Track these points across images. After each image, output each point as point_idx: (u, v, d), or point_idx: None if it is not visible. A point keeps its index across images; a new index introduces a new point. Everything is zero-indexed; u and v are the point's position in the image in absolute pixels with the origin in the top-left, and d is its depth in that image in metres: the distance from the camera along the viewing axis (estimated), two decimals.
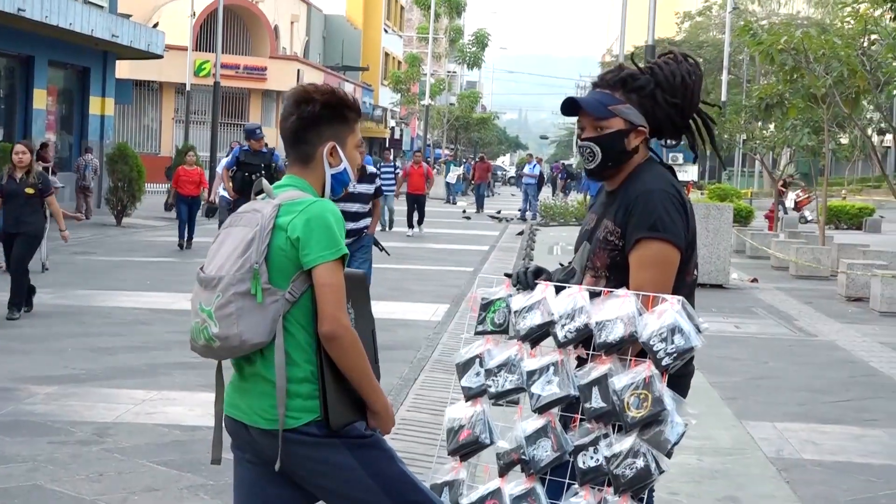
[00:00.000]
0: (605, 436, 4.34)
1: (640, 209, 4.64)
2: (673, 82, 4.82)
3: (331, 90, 4.79)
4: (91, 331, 14.52)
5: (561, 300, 4.52)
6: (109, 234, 29.15)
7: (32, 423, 9.64)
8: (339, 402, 4.42)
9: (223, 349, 4.40)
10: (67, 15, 30.96)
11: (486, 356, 4.73)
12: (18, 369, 11.77)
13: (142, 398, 10.77)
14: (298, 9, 73.24)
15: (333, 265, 4.38)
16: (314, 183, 4.64)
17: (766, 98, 31.31)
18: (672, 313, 4.27)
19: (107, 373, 11.92)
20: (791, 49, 23.95)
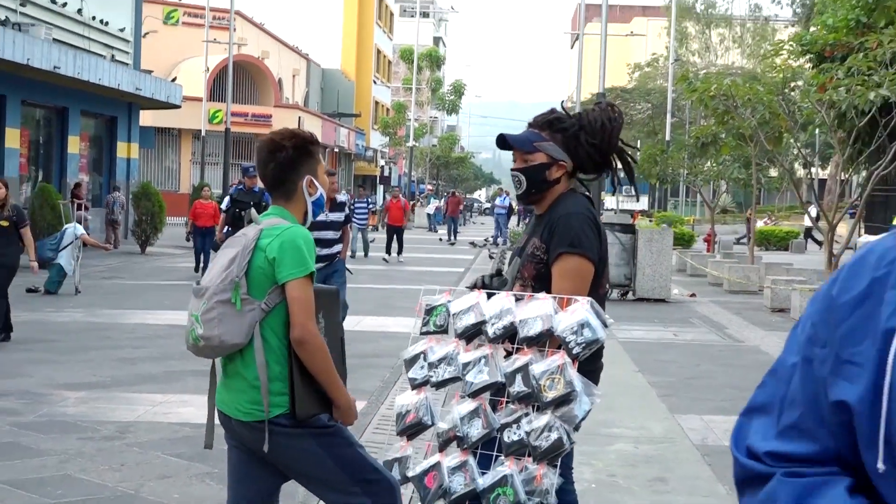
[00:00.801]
0: (526, 414, 4.41)
1: (561, 229, 4.79)
2: (595, 126, 4.97)
3: (293, 134, 4.90)
4: (116, 344, 14.52)
5: (491, 304, 4.62)
6: (135, 261, 29.16)
7: (64, 422, 9.67)
8: (305, 397, 4.50)
9: (207, 348, 4.50)
10: (97, 71, 30.94)
11: (429, 352, 4.81)
12: (53, 377, 11.81)
13: (159, 401, 10.84)
14: (299, 64, 73.21)
15: (303, 281, 4.48)
16: (296, 212, 4.75)
17: (702, 137, 31.54)
18: (582, 311, 4.36)
19: (129, 379, 11.97)
20: (721, 95, 24.13)
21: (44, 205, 27.05)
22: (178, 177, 57.65)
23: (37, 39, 27.57)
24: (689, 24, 66.42)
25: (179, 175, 57.83)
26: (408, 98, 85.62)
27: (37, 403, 10.45)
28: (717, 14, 66.77)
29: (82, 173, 34.72)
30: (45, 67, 27.41)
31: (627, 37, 75.07)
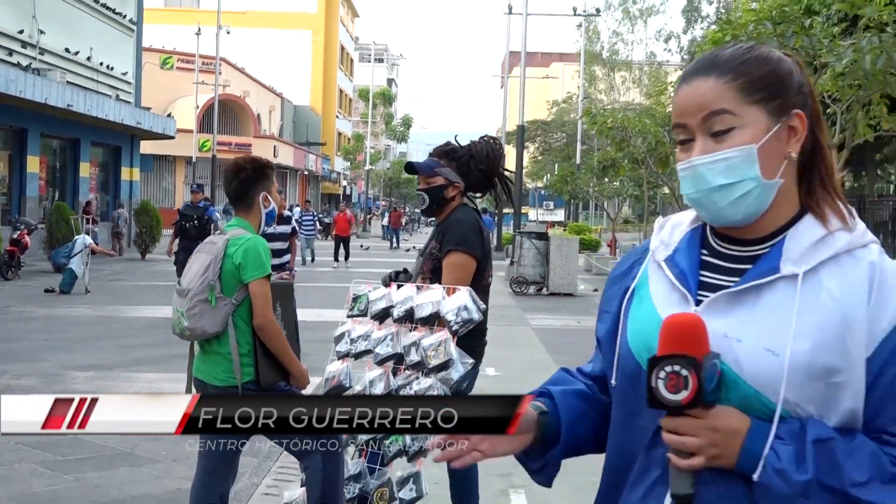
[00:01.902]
0: (417, 378, 4.59)
1: (451, 231, 5.09)
2: (482, 155, 5.26)
3: (253, 159, 5.21)
4: (119, 333, 14.58)
5: (399, 293, 4.83)
6: (136, 266, 29.07)
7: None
8: (267, 369, 4.80)
9: (192, 336, 4.84)
10: (104, 108, 30.92)
11: (352, 331, 4.97)
12: (65, 360, 11.90)
13: (153, 379, 10.96)
14: (274, 101, 72.95)
15: (262, 280, 4.80)
16: (253, 221, 5.04)
17: (603, 161, 31.92)
18: (463, 297, 4.57)
19: (128, 362, 12.07)
20: (617, 127, 24.51)
21: (59, 220, 26.99)
22: (173, 196, 57.32)
23: (53, 82, 27.51)
24: (597, 68, 66.52)
25: (174, 194, 57.50)
26: (365, 129, 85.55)
27: (52, 382, 10.55)
28: (619, 59, 66.94)
29: (92, 193, 34.60)
30: (60, 105, 27.38)
31: (545, 78, 75.43)
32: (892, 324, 1.75)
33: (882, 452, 1.72)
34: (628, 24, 66.51)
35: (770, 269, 1.82)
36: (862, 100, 13.10)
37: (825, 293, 1.77)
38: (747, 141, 1.83)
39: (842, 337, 1.74)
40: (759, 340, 1.76)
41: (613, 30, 67.71)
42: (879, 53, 11.89)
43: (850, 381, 1.74)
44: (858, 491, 1.68)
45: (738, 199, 1.84)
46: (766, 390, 1.74)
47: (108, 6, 34.71)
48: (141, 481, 6.86)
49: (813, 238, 1.83)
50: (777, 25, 12.94)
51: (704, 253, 1.95)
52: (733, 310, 1.82)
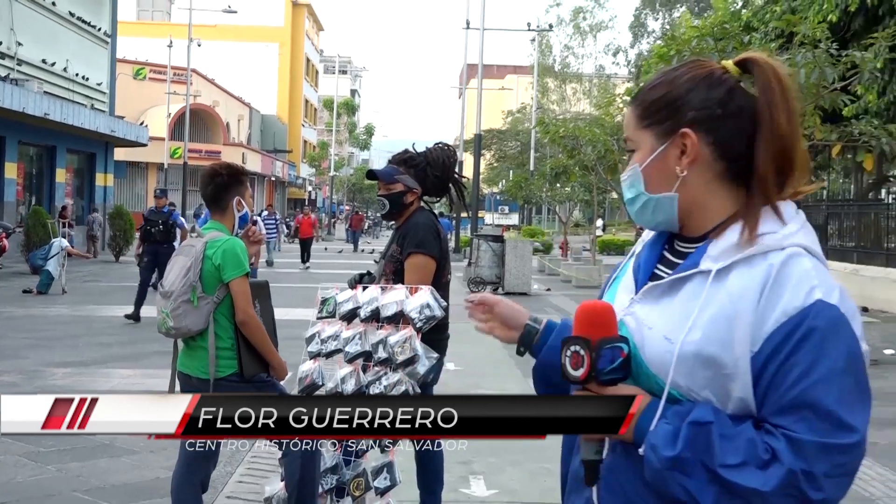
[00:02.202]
0: (385, 374, 4.58)
1: (411, 235, 5.14)
2: (438, 162, 5.33)
3: (228, 165, 5.24)
4: (95, 332, 14.47)
5: (364, 294, 4.81)
6: (110, 267, 28.86)
7: (54, 391, 9.65)
8: (249, 361, 4.84)
9: (177, 334, 4.85)
10: (80, 117, 30.64)
11: (322, 332, 4.96)
12: (45, 357, 11.83)
13: (129, 374, 10.90)
14: (243, 110, 72.65)
15: (241, 279, 4.83)
16: (227, 224, 5.07)
17: (555, 168, 32.05)
18: (424, 295, 4.58)
19: (105, 359, 11.99)
20: (569, 136, 24.67)
21: (36, 223, 26.73)
22: (146, 201, 56.77)
23: (30, 92, 27.24)
24: (550, 80, 66.81)
25: (146, 199, 57.08)
26: (329, 137, 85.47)
27: (32, 378, 10.50)
28: (570, 72, 67.25)
29: (68, 198, 34.27)
30: (38, 114, 27.10)
31: (501, 90, 75.75)
32: (776, 324, 1.79)
33: (760, 440, 1.76)
34: (579, 38, 66.79)
35: (691, 265, 1.92)
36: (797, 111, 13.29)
37: (725, 291, 1.84)
38: (636, 162, 2.01)
39: (729, 332, 1.80)
40: (663, 329, 1.88)
41: (565, 44, 67.96)
42: (813, 68, 12.12)
43: (736, 373, 1.80)
44: (726, 472, 1.73)
45: (639, 209, 2.03)
46: (661, 373, 1.86)
47: (83, 19, 34.43)
48: (120, 471, 6.86)
49: (734, 239, 1.90)
50: (718, 41, 13.13)
51: (666, 249, 2.08)
52: (660, 300, 1.94)
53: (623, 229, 60.68)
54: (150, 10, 78.71)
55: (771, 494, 1.73)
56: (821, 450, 1.73)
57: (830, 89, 12.76)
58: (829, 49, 12.56)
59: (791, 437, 1.75)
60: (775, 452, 1.75)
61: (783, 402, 1.77)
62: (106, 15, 37.13)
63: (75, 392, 5.38)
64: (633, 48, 68.22)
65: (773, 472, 1.73)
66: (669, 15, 67.02)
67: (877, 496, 6.57)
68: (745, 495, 1.74)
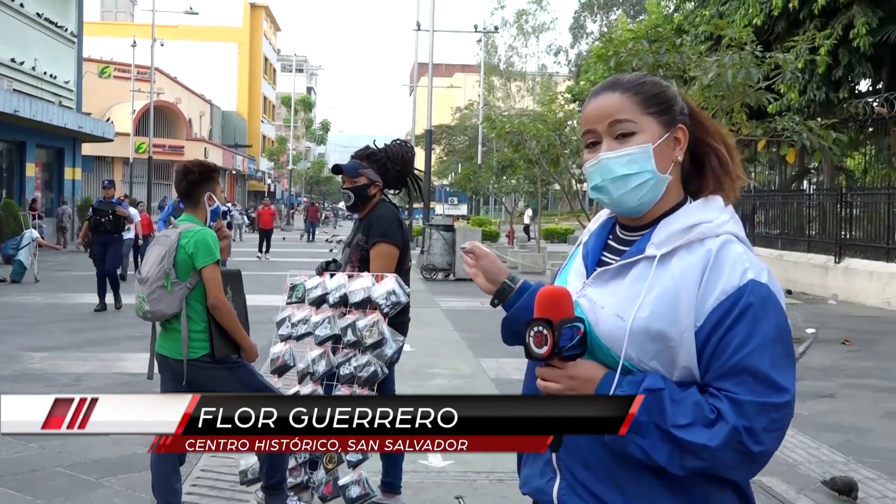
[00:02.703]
0: (355, 355, 4.70)
1: (375, 225, 5.18)
2: (397, 158, 5.40)
3: (201, 163, 5.28)
4: (68, 318, 14.35)
5: (332, 281, 4.95)
6: (80, 257, 28.29)
7: (32, 375, 9.68)
8: (220, 343, 4.87)
9: (153, 317, 4.87)
10: (48, 114, 30.30)
11: (292, 316, 5.09)
12: (21, 343, 11.71)
13: (103, 358, 10.81)
14: (204, 107, 71.94)
15: (213, 266, 4.87)
16: (200, 216, 5.11)
17: (502, 162, 32.22)
18: (390, 282, 4.72)
19: (79, 343, 11.88)
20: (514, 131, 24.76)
21: (8, 215, 26.42)
22: None
23: (1, 90, 26.94)
24: (495, 79, 66.93)
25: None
26: (287, 133, 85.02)
27: (11, 362, 10.42)
28: (515, 71, 67.44)
29: (37, 191, 33.82)
30: (8, 111, 26.81)
31: (450, 88, 75.63)
32: (716, 302, 1.94)
33: (705, 402, 1.91)
34: (522, 39, 67.10)
35: (637, 251, 2.07)
36: (725, 108, 13.49)
37: (668, 274, 2.00)
38: (645, 141, 2.08)
39: (674, 309, 1.96)
40: (614, 308, 2.01)
41: (509, 44, 68.29)
42: (739, 68, 12.31)
43: (681, 345, 1.95)
44: (679, 431, 1.88)
45: (635, 187, 2.07)
46: (615, 347, 1.98)
47: (50, 20, 33.96)
48: (100, 447, 6.88)
49: (677, 227, 2.06)
50: (652, 43, 13.29)
51: (610, 238, 2.21)
52: (609, 283, 2.07)
53: (565, 219, 61.01)
54: (113, 11, 77.64)
55: (717, 448, 1.88)
56: (759, 408, 1.89)
57: (756, 88, 12.97)
58: (754, 51, 12.77)
59: (733, 398, 1.90)
60: (720, 412, 1.89)
61: (725, 368, 1.92)
62: (72, 16, 36.63)
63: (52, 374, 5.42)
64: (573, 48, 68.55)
65: (719, 430, 1.88)
66: (607, 17, 67.41)
67: (799, 461, 6.78)
68: (695, 450, 1.89)
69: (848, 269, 19.03)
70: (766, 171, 30.09)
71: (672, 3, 28.74)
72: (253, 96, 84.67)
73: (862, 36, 19.43)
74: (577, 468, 2.04)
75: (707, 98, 13.41)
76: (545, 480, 2.11)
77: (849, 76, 20.65)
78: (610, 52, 14.31)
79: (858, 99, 20.88)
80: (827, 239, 20.53)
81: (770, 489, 5.96)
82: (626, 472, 1.99)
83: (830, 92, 20.77)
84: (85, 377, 9.73)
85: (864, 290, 18.33)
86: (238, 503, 5.63)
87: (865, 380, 10.14)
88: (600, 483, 2.02)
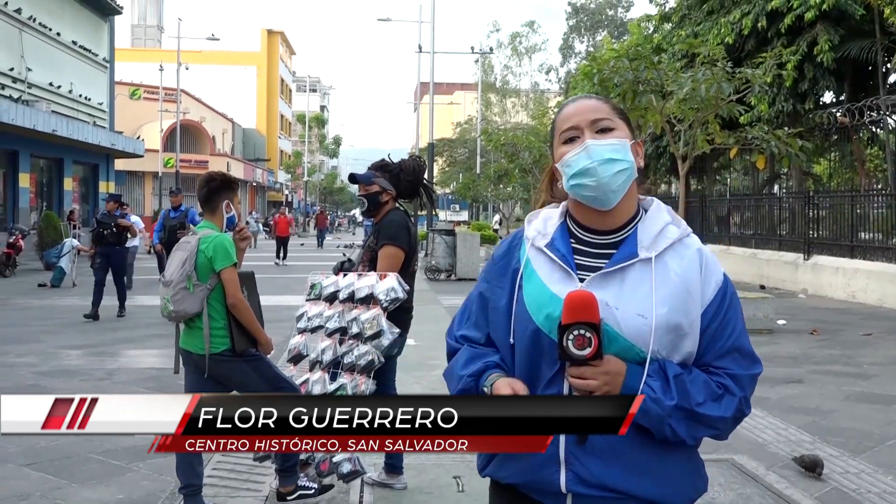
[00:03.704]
0: (356, 346, 4.72)
1: (385, 229, 5.19)
2: (409, 170, 5.41)
3: (222, 174, 5.28)
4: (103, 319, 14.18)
5: (344, 280, 4.98)
6: None
7: (68, 370, 9.71)
8: (240, 338, 4.87)
9: (177, 317, 4.87)
10: (84, 133, 30.33)
11: (308, 311, 5.14)
12: (60, 341, 11.75)
13: (132, 354, 10.86)
14: (226, 125, 71.95)
15: (231, 268, 4.88)
16: (217, 223, 5.10)
17: (498, 171, 32.23)
18: (391, 280, 4.75)
19: (112, 342, 11.90)
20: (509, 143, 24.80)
21: (48, 226, 26.37)
22: (143, 205, 56.25)
23: (40, 111, 26.93)
24: (492, 95, 66.92)
25: (144, 203, 56.45)
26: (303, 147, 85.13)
27: (49, 359, 10.46)
28: (510, 88, 67.36)
29: (75, 203, 33.87)
30: (47, 131, 26.84)
31: (450, 104, 75.67)
32: (714, 291, 2.09)
33: (710, 380, 2.06)
34: (516, 59, 66.99)
35: (630, 254, 2.08)
36: (700, 119, 13.52)
37: (672, 273, 2.06)
38: (623, 137, 2.14)
39: (686, 302, 2.04)
40: (632, 308, 2.02)
41: (504, 64, 68.17)
42: (712, 83, 12.34)
43: (690, 332, 2.05)
44: (700, 408, 2.01)
45: (619, 171, 2.09)
46: (639, 343, 2.01)
47: (85, 48, 34.02)
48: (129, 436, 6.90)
49: (655, 230, 2.12)
50: (632, 61, 13.31)
51: (573, 241, 2.17)
52: (607, 285, 2.05)
53: None
54: (143, 39, 77.87)
55: (730, 418, 2.06)
56: (750, 380, 2.10)
57: (727, 101, 13.00)
58: (725, 67, 12.80)
59: (732, 374, 2.08)
60: (726, 388, 2.06)
61: (724, 349, 2.09)
62: (104, 43, 36.70)
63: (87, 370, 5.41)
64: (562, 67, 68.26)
65: (729, 402, 2.06)
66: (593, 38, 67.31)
67: (769, 441, 6.78)
68: (711, 422, 2.04)
69: (816, 266, 19.02)
70: (740, 177, 30.04)
71: (652, 25, 28.73)
72: (271, 114, 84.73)
73: (825, 52, 19.44)
74: (586, 459, 2.01)
75: (683, 111, 13.45)
76: (548, 473, 2.05)
77: (814, 89, 20.64)
78: (595, 70, 14.34)
79: (823, 109, 20.89)
80: (796, 238, 20.51)
81: (741, 466, 5.96)
82: (636, 456, 2.02)
83: (797, 103, 20.76)
84: (117, 372, 9.76)
85: (830, 284, 18.31)
86: (256, 485, 5.64)
87: (831, 366, 10.13)
88: (610, 470, 2.01)
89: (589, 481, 2.01)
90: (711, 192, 27.78)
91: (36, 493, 5.53)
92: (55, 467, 5.98)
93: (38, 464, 6.03)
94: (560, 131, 2.17)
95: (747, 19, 21.15)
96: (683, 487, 2.09)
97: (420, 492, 5.44)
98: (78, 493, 5.56)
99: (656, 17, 27.69)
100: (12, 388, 8.72)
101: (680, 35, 23.33)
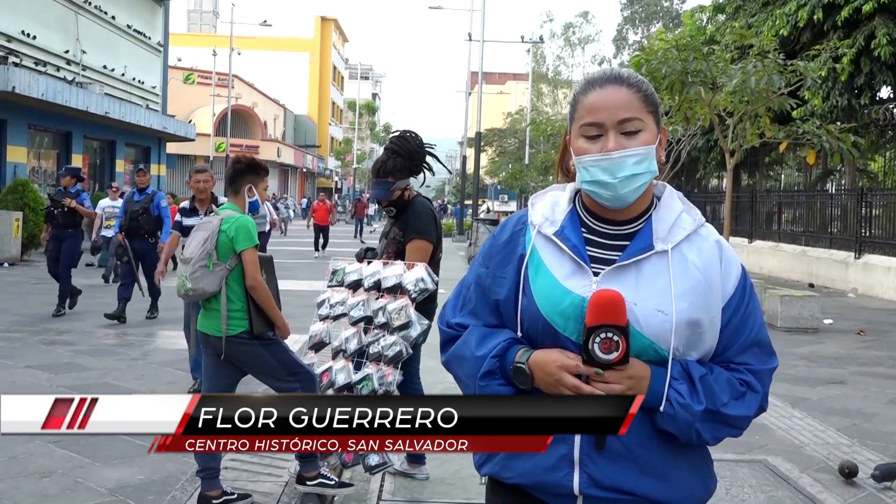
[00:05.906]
0: (383, 336, 4.67)
1: (413, 221, 5.13)
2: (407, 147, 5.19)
3: (250, 157, 5.27)
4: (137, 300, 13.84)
5: (369, 268, 4.93)
6: None
7: (105, 349, 9.80)
8: (258, 321, 4.85)
9: (195, 295, 4.87)
10: (136, 115, 30.69)
11: (331, 298, 5.08)
12: (99, 321, 11.88)
13: (169, 335, 10.91)
14: (278, 111, 72.57)
15: (251, 250, 4.86)
16: (240, 204, 5.09)
17: (545, 162, 32.03)
18: (420, 270, 4.69)
19: (147, 322, 12.05)
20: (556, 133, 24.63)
21: None
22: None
23: (93, 94, 27.33)
24: (543, 86, 66.61)
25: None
26: (353, 135, 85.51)
27: (88, 338, 10.58)
28: (561, 79, 67.02)
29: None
30: (100, 112, 27.19)
31: (500, 94, 75.40)
32: (734, 285, 1.99)
33: (732, 377, 1.95)
34: (569, 50, 66.59)
35: (646, 247, 1.94)
36: (750, 113, 13.29)
37: (691, 265, 1.94)
38: (649, 142, 1.95)
39: (706, 297, 1.93)
40: (651, 303, 1.88)
41: (557, 54, 67.74)
42: (762, 75, 12.10)
43: (711, 327, 1.94)
44: (725, 408, 1.91)
45: (639, 186, 1.94)
46: (659, 341, 1.89)
47: (139, 31, 34.43)
48: None
49: (670, 220, 1.98)
50: (681, 52, 13.10)
51: (584, 230, 2.02)
52: (622, 278, 1.91)
53: None
54: (198, 24, 78.77)
55: (752, 416, 1.98)
56: (769, 374, 2.02)
57: (779, 94, 12.74)
58: (777, 59, 12.54)
59: (753, 370, 1.99)
60: (748, 384, 1.97)
61: (746, 343, 1.99)
62: (159, 28, 37.11)
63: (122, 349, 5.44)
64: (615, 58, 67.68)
65: (752, 400, 1.97)
66: (647, 30, 66.62)
67: (805, 443, 6.62)
68: (735, 422, 1.95)
69: (867, 265, 18.63)
70: (792, 174, 29.56)
71: (705, 16, 28.32)
72: (322, 101, 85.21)
73: (883, 46, 18.96)
74: (601, 460, 1.91)
75: (733, 103, 13.22)
76: (561, 475, 1.93)
77: (870, 83, 20.15)
78: (643, 61, 14.16)
79: (879, 105, 20.40)
80: (848, 236, 20.11)
81: (775, 468, 5.81)
82: (651, 458, 1.93)
83: (852, 98, 20.29)
84: (151, 352, 9.85)
85: (881, 283, 17.92)
86: (276, 469, 5.63)
87: (876, 368, 9.88)
88: (625, 473, 1.91)
89: (603, 483, 1.91)
90: (762, 187, 27.33)
91: (58, 471, 5.57)
92: (80, 445, 6.02)
93: (64, 441, 6.07)
94: (582, 120, 1.98)
95: (803, 11, 20.70)
96: (696, 488, 2.00)
97: (442, 482, 5.38)
98: (99, 472, 5.60)
99: (710, 7, 27.28)
100: (50, 365, 8.84)
101: (733, 27, 22.95)
